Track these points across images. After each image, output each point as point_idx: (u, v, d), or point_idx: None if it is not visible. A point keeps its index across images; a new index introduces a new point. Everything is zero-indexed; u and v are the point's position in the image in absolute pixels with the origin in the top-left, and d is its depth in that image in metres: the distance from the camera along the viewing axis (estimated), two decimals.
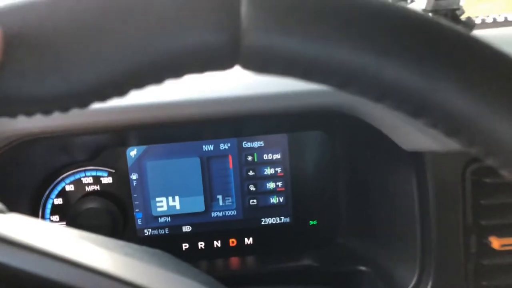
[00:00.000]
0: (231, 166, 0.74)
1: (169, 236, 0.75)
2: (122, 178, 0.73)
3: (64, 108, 0.23)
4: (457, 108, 0.21)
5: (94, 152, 0.72)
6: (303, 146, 0.74)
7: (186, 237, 0.75)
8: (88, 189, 0.73)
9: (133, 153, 0.72)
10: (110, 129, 0.58)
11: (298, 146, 0.74)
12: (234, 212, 0.75)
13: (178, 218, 0.75)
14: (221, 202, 0.75)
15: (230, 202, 0.75)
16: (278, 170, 0.74)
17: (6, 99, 0.22)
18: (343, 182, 0.73)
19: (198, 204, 0.74)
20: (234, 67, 0.23)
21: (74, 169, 0.72)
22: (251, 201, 0.75)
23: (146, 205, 0.74)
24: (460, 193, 0.57)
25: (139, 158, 0.72)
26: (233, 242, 0.76)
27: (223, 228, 0.75)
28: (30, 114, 0.23)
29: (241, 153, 0.73)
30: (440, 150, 0.54)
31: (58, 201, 0.73)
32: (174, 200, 0.74)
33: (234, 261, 0.74)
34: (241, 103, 0.56)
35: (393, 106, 0.23)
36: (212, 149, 0.73)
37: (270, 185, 0.75)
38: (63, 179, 0.72)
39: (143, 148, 0.72)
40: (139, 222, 0.74)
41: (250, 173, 0.74)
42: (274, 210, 0.75)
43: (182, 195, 0.74)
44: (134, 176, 0.73)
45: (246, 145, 0.73)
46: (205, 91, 0.57)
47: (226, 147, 0.73)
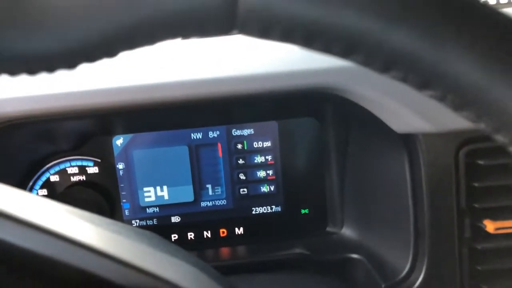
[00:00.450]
0: (221, 154, 0.72)
1: (157, 227, 0.73)
2: (108, 167, 0.71)
3: (50, 68, 0.22)
4: (467, 78, 0.19)
5: (79, 141, 0.70)
6: (294, 134, 0.72)
7: (175, 227, 0.73)
8: (73, 179, 0.71)
9: (119, 141, 0.70)
10: (95, 112, 0.56)
11: (289, 134, 0.72)
12: (224, 201, 0.74)
13: (166, 209, 0.73)
14: (210, 192, 0.73)
15: (220, 192, 0.73)
16: (269, 158, 0.73)
17: None
18: (335, 169, 0.72)
19: (187, 193, 0.72)
20: (232, 32, 0.22)
21: (58, 158, 0.70)
22: (241, 190, 0.73)
23: (134, 195, 0.72)
24: (453, 175, 0.56)
25: (126, 147, 0.70)
26: (223, 232, 0.74)
27: (213, 218, 0.74)
28: (14, 73, 0.22)
29: (230, 141, 0.72)
30: (432, 131, 0.53)
31: (43, 192, 0.71)
32: (162, 190, 0.72)
33: (225, 251, 0.73)
34: (228, 84, 0.55)
35: (399, 76, 0.21)
36: (200, 137, 0.71)
37: (261, 173, 0.73)
38: (48, 169, 0.70)
39: (130, 136, 0.70)
40: (127, 213, 0.73)
41: (240, 161, 0.72)
42: (265, 199, 0.74)
43: (170, 185, 0.72)
44: (120, 165, 0.71)
45: (236, 132, 0.72)
46: (190, 73, 0.55)
47: (215, 135, 0.71)
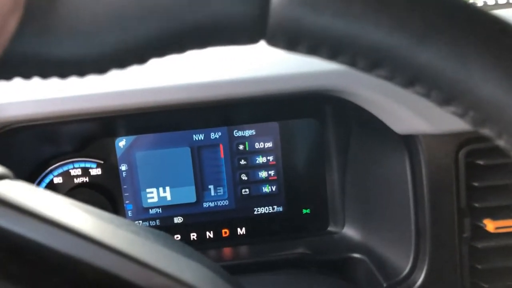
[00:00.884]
0: (222, 155, 0.73)
1: (160, 227, 0.74)
2: (111, 169, 0.71)
3: (81, 72, 0.22)
4: (490, 97, 0.20)
5: (82, 143, 0.70)
6: (295, 134, 0.73)
7: (178, 228, 0.74)
8: (76, 181, 0.71)
9: (122, 143, 0.71)
10: (98, 116, 0.57)
11: (290, 134, 0.73)
12: (226, 202, 0.74)
13: (169, 209, 0.73)
14: (212, 192, 0.74)
15: (222, 192, 0.74)
16: (270, 158, 0.73)
17: (24, 58, 0.21)
18: (336, 169, 0.73)
19: (189, 194, 0.73)
20: (259, 42, 0.22)
21: (62, 160, 0.71)
22: (243, 190, 0.74)
23: (137, 196, 0.73)
24: (453, 175, 0.56)
25: (128, 149, 0.71)
26: (225, 232, 0.75)
27: (215, 218, 0.74)
28: (46, 76, 0.22)
29: (232, 142, 0.72)
30: (433, 132, 0.54)
31: None
32: (165, 191, 0.73)
33: (227, 251, 0.73)
34: (231, 87, 0.55)
35: (423, 92, 0.22)
36: (202, 138, 0.72)
37: (262, 174, 0.74)
38: (51, 171, 0.71)
39: (132, 138, 0.71)
40: (130, 214, 0.73)
41: (242, 162, 0.73)
42: (267, 199, 0.75)
43: (173, 186, 0.73)
44: (123, 167, 0.71)
45: (237, 133, 0.72)
46: (193, 76, 0.56)
47: (217, 136, 0.72)
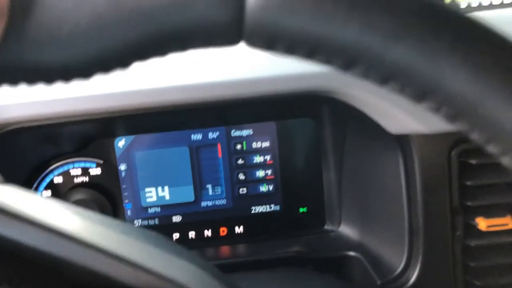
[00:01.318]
0: (220, 155, 0.74)
1: (159, 226, 0.75)
2: (110, 169, 0.72)
3: (66, 78, 0.23)
4: (460, 92, 0.21)
5: (82, 143, 0.71)
6: (292, 134, 0.74)
7: (177, 227, 0.75)
8: (76, 180, 0.72)
9: (121, 143, 0.72)
10: (98, 116, 0.58)
11: (287, 134, 0.74)
12: (224, 201, 0.75)
13: (168, 209, 0.74)
14: (210, 192, 0.75)
15: (220, 191, 0.75)
16: (267, 158, 0.74)
17: (9, 65, 0.22)
18: (332, 169, 0.74)
19: (187, 194, 0.74)
20: (238, 44, 0.23)
21: (62, 160, 0.72)
22: (241, 189, 0.75)
23: (136, 196, 0.74)
24: (446, 175, 0.57)
25: (128, 148, 0.72)
26: (223, 231, 0.76)
27: (213, 217, 0.75)
28: (32, 82, 0.23)
29: (230, 141, 0.73)
30: (426, 132, 0.54)
31: (47, 193, 0.72)
32: (163, 190, 0.74)
33: (225, 250, 0.74)
34: (228, 88, 0.56)
35: (397, 88, 0.22)
36: (200, 138, 0.73)
37: (260, 173, 0.75)
38: (51, 171, 0.72)
39: (131, 138, 0.72)
40: (129, 213, 0.74)
41: (239, 161, 0.74)
42: (264, 198, 0.76)
43: (171, 185, 0.74)
44: (122, 166, 0.73)
45: (235, 133, 0.73)
46: (190, 77, 0.57)
47: (215, 136, 0.73)
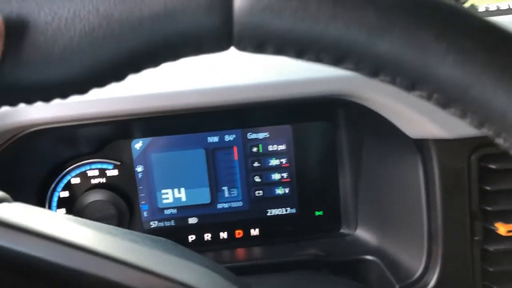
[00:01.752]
0: (236, 157, 0.74)
1: (175, 228, 0.75)
2: (127, 170, 0.73)
3: (63, 95, 0.24)
4: (449, 78, 0.21)
5: (99, 144, 0.72)
6: (308, 137, 0.74)
7: (192, 229, 0.75)
8: (93, 181, 0.73)
9: (138, 145, 0.72)
10: (116, 119, 0.58)
11: (303, 137, 0.74)
12: (239, 203, 0.75)
13: (184, 210, 0.75)
14: (226, 194, 0.75)
15: (236, 194, 0.75)
16: (283, 161, 0.74)
17: (8, 88, 0.22)
18: (349, 172, 0.74)
19: (204, 195, 0.74)
20: (228, 49, 0.23)
21: (79, 161, 0.72)
22: (257, 192, 0.75)
23: (152, 197, 0.74)
24: (465, 179, 0.57)
25: (144, 150, 0.72)
26: (239, 233, 0.76)
27: (229, 219, 0.75)
28: (30, 102, 0.24)
29: (246, 144, 0.73)
30: (446, 137, 0.54)
31: (64, 194, 0.73)
32: (180, 192, 0.74)
33: (240, 252, 0.74)
34: (245, 92, 0.57)
35: (388, 80, 0.23)
36: (217, 140, 0.73)
37: (276, 176, 0.75)
38: (69, 172, 0.72)
39: (148, 140, 0.72)
40: (145, 214, 0.75)
41: (255, 164, 0.74)
42: (280, 201, 0.76)
43: (187, 187, 0.74)
44: (139, 168, 0.73)
45: (251, 136, 0.73)
46: (209, 81, 0.57)
47: (231, 139, 0.73)
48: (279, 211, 0.76)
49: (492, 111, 0.21)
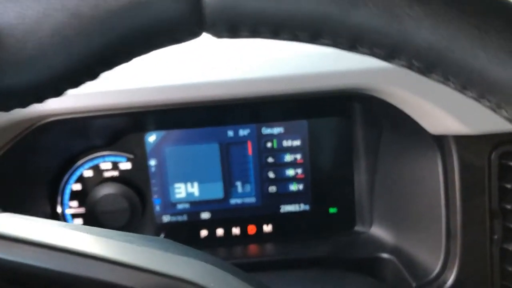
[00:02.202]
0: (251, 152, 0.73)
1: (187, 223, 0.75)
2: (140, 163, 0.72)
3: (38, 98, 0.23)
4: (426, 45, 0.21)
5: (113, 137, 0.71)
6: (323, 133, 0.73)
7: (205, 224, 0.75)
8: (106, 174, 0.72)
9: (151, 138, 0.72)
10: (130, 110, 0.58)
11: (318, 133, 0.73)
12: (253, 199, 0.75)
13: (196, 205, 0.74)
14: (240, 189, 0.74)
15: (249, 189, 0.74)
16: (298, 157, 0.73)
17: None
18: (364, 168, 0.73)
19: (217, 190, 0.74)
20: (203, 35, 0.23)
21: (92, 154, 0.72)
22: (270, 188, 0.74)
23: (165, 191, 0.73)
24: (486, 177, 0.56)
25: (158, 144, 0.72)
26: (252, 229, 0.75)
27: (242, 215, 0.75)
28: (5, 108, 0.23)
29: (260, 139, 0.73)
30: (467, 133, 0.53)
31: (77, 186, 0.72)
32: (192, 186, 0.73)
33: (253, 248, 0.74)
34: (261, 85, 0.56)
35: (367, 52, 0.22)
36: (231, 135, 0.72)
37: (290, 172, 0.74)
38: (82, 165, 0.72)
39: (162, 133, 0.72)
40: (158, 208, 0.74)
41: (270, 159, 0.73)
42: (294, 197, 0.75)
43: (201, 182, 0.73)
44: (152, 161, 0.72)
45: (266, 131, 0.73)
46: (224, 73, 0.57)
47: (246, 133, 0.72)
48: (293, 208, 0.75)
49: (471, 73, 0.20)
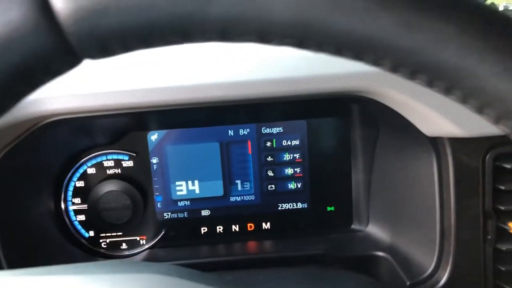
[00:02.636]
0: (250, 151, 0.74)
1: (188, 219, 0.76)
2: (143, 162, 0.74)
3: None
4: (404, 50, 0.21)
5: (116, 135, 0.73)
6: (322, 133, 0.74)
7: (205, 221, 0.76)
8: (109, 172, 0.74)
9: (154, 137, 0.73)
10: (133, 110, 0.59)
11: (317, 132, 0.74)
12: (252, 197, 0.76)
13: (197, 202, 0.76)
14: (239, 187, 0.76)
15: (249, 187, 0.76)
16: (297, 156, 0.75)
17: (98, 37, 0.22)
18: (361, 168, 0.74)
19: (217, 188, 0.75)
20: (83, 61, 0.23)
21: (95, 152, 0.73)
22: (269, 186, 0.76)
23: (166, 189, 0.75)
24: (480, 178, 0.57)
25: (160, 142, 0.73)
26: (251, 226, 0.77)
27: (241, 212, 0.76)
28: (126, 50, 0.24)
29: (260, 138, 0.74)
30: (462, 135, 0.54)
31: (80, 183, 0.74)
32: (193, 184, 0.75)
33: (252, 245, 0.75)
34: (261, 87, 0.57)
35: (351, 57, 0.23)
36: (231, 134, 0.74)
37: (288, 170, 0.75)
38: (85, 162, 0.73)
39: (164, 132, 0.73)
40: (159, 205, 0.75)
41: (269, 158, 0.75)
42: (292, 196, 0.76)
43: (201, 180, 0.75)
44: (154, 160, 0.74)
45: (265, 130, 0.74)
46: (225, 75, 0.58)
47: (246, 133, 0.74)
48: (291, 206, 0.77)
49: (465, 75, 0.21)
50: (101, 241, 0.76)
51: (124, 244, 0.76)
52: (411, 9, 0.20)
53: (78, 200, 0.74)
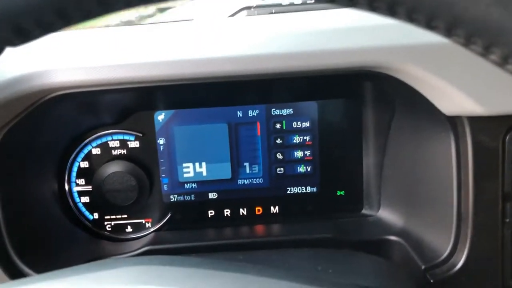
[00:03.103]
0: (259, 133, 0.72)
1: (195, 202, 0.74)
2: (149, 142, 0.72)
3: None
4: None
5: (122, 115, 0.71)
6: (333, 114, 0.72)
7: (212, 204, 0.74)
8: (114, 153, 0.72)
9: (160, 117, 0.71)
10: (140, 85, 0.57)
11: (328, 114, 0.72)
12: (260, 180, 0.74)
13: (204, 185, 0.74)
14: (247, 170, 0.74)
15: (257, 170, 0.74)
16: (307, 138, 0.73)
17: None
18: (373, 152, 0.72)
19: (224, 171, 0.73)
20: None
21: (101, 132, 0.71)
22: (278, 169, 0.74)
23: (173, 170, 0.73)
24: (499, 159, 0.55)
25: (167, 123, 0.71)
26: (259, 210, 0.75)
27: (249, 195, 0.74)
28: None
29: (269, 120, 0.72)
30: (482, 113, 0.53)
31: (84, 164, 0.72)
32: (201, 166, 0.73)
33: (260, 228, 0.73)
34: (272, 61, 0.55)
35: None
36: (240, 115, 0.72)
37: (298, 153, 0.73)
38: (90, 142, 0.71)
39: (171, 112, 0.71)
40: (165, 187, 0.74)
41: (278, 141, 0.73)
42: (301, 179, 0.74)
43: (209, 162, 0.73)
44: (161, 140, 0.72)
45: (275, 112, 0.72)
46: (235, 49, 0.56)
47: (255, 114, 0.72)
48: (300, 190, 0.75)
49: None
50: (105, 223, 0.74)
51: (129, 226, 0.74)
52: None
53: (82, 181, 0.72)
